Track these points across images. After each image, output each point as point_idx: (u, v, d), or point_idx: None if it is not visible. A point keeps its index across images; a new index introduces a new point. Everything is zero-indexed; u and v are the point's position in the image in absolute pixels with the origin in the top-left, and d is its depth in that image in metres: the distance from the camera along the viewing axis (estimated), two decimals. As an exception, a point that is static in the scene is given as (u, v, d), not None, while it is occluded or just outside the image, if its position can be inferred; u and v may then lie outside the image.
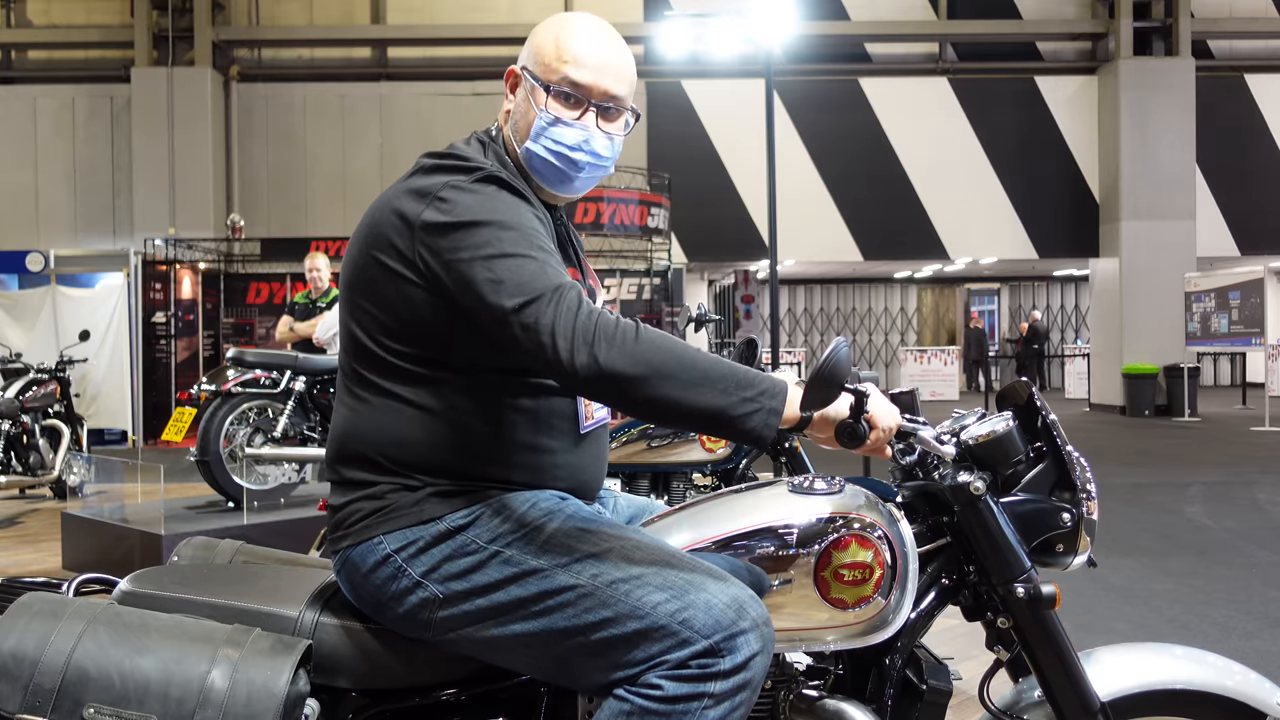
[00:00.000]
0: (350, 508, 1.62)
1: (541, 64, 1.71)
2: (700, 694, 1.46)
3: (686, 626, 1.48)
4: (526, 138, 1.72)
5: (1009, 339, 24.53)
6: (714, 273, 22.23)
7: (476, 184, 1.58)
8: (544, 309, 1.46)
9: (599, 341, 1.44)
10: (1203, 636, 4.41)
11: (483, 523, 1.58)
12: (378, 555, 1.58)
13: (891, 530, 1.64)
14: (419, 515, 1.58)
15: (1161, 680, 1.76)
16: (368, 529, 1.59)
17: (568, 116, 1.70)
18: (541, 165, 1.72)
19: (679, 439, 4.34)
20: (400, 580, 1.56)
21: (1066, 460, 1.75)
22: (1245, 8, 17.48)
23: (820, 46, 16.74)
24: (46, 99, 15.89)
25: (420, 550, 1.57)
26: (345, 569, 1.62)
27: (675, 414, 1.49)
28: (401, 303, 1.58)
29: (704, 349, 1.60)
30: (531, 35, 1.76)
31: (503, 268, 1.49)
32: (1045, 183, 17.01)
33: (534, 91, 1.71)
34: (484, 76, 16.41)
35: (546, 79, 1.70)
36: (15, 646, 1.42)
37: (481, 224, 1.52)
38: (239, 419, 5.87)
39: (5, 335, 12.00)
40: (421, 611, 1.56)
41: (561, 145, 1.70)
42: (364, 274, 1.62)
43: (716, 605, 1.49)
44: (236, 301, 13.39)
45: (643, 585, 1.51)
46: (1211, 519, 7.19)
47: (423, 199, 1.57)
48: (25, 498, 8.60)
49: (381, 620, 1.60)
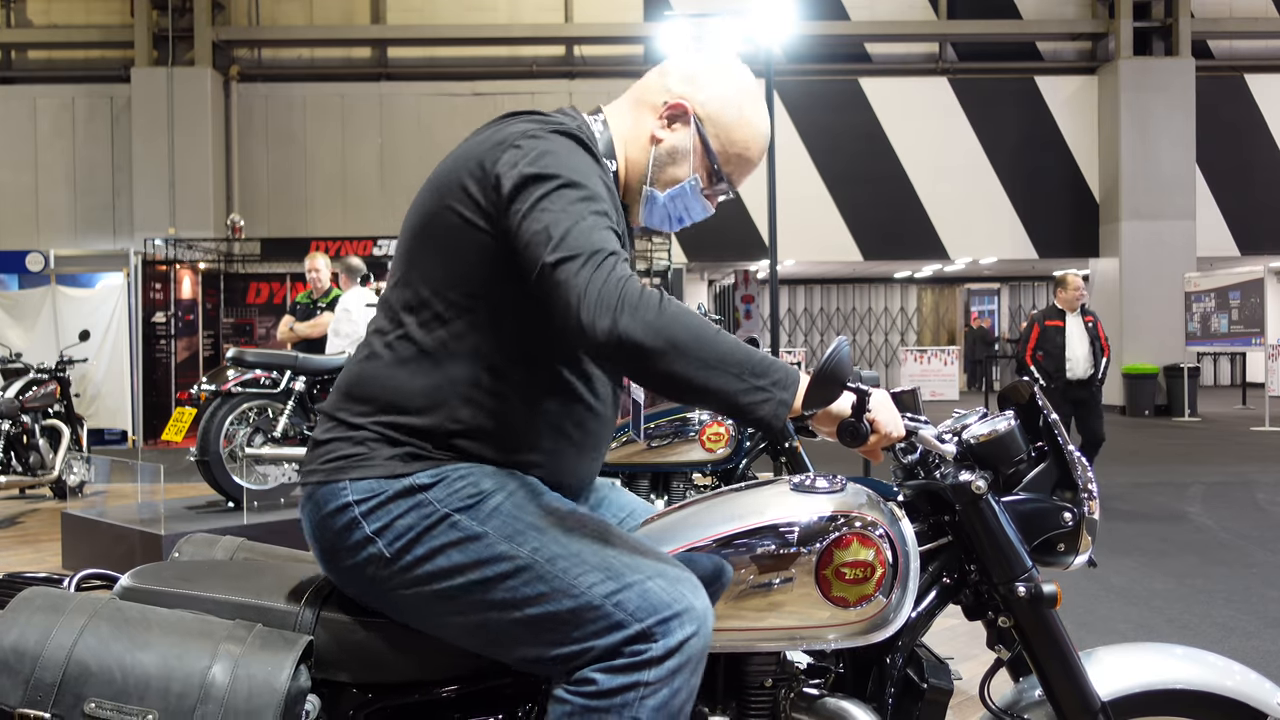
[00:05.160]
0: (330, 445, 1.62)
1: (723, 142, 1.73)
2: (635, 683, 1.46)
3: (620, 609, 1.48)
4: (662, 184, 1.75)
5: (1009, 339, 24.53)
6: (714, 273, 22.24)
7: (552, 134, 1.58)
8: (577, 268, 1.45)
9: (622, 309, 1.43)
10: (1203, 636, 4.41)
11: (445, 485, 1.57)
12: (338, 501, 1.57)
13: (893, 529, 1.64)
14: (390, 469, 1.57)
15: (1162, 680, 1.76)
16: (337, 471, 1.59)
17: (711, 200, 1.78)
18: (658, 214, 1.77)
19: (679, 439, 4.34)
20: (354, 532, 1.56)
21: (1068, 460, 1.75)
22: (1245, 8, 17.49)
23: (820, 46, 16.74)
24: (46, 99, 15.89)
25: (379, 505, 1.56)
26: (308, 505, 1.62)
27: (687, 391, 1.48)
28: (468, 250, 1.58)
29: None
30: (722, 87, 1.74)
31: (554, 222, 1.48)
32: (1045, 183, 17.02)
33: (699, 157, 1.74)
34: (484, 76, 16.41)
35: (721, 161, 1.74)
36: (16, 641, 1.42)
37: (547, 177, 1.52)
38: (239, 419, 5.87)
39: (5, 335, 12.00)
40: (368, 567, 1.56)
41: (686, 213, 1.78)
42: (434, 221, 1.61)
43: (652, 589, 1.49)
44: (236, 301, 13.39)
45: (580, 564, 1.51)
46: (1211, 519, 7.19)
47: (498, 147, 1.57)
48: (25, 498, 8.60)
49: (330, 567, 1.60)
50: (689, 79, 1.75)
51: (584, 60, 16.92)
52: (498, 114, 1.80)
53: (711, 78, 1.74)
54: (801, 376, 1.53)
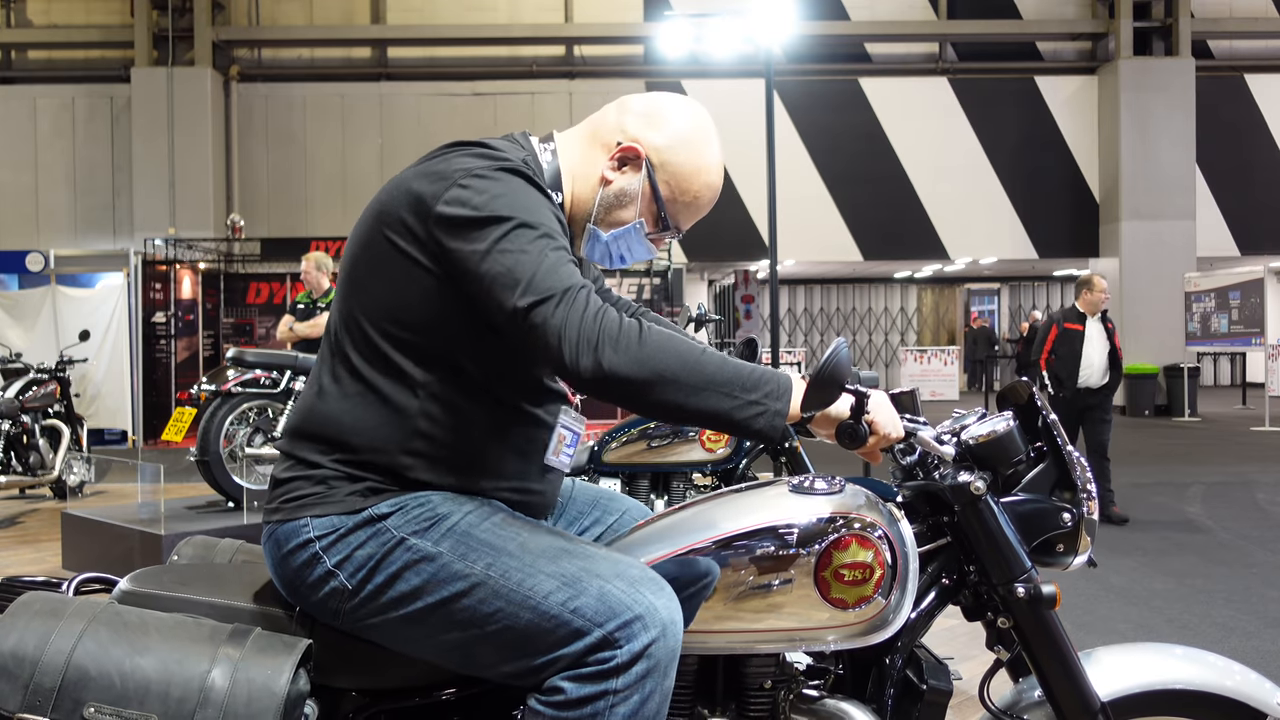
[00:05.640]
0: (291, 484, 1.61)
1: (673, 189, 1.69)
2: (604, 692, 1.46)
3: (578, 615, 1.47)
4: (606, 225, 1.72)
5: (1009, 339, 24.53)
6: (714, 273, 22.23)
7: (498, 173, 1.55)
8: (552, 310, 1.45)
9: (603, 345, 1.44)
10: (1203, 636, 4.41)
11: (401, 514, 1.57)
12: (300, 538, 1.57)
13: (892, 530, 1.64)
14: (350, 505, 1.57)
15: (1162, 680, 1.76)
16: (299, 509, 1.58)
17: (656, 246, 1.76)
18: (599, 252, 1.74)
19: (679, 439, 4.34)
20: (315, 568, 1.56)
21: (1067, 460, 1.75)
22: (1245, 8, 17.48)
23: (820, 46, 16.75)
24: (46, 99, 15.89)
25: (338, 538, 1.56)
26: (270, 544, 1.61)
27: (680, 416, 1.49)
28: (406, 285, 1.56)
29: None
30: (678, 134, 1.69)
31: (516, 264, 1.47)
32: (1045, 183, 17.02)
33: (647, 202, 1.70)
34: (484, 76, 16.41)
35: (669, 208, 1.70)
36: (15, 646, 1.42)
37: (499, 219, 1.50)
38: (239, 419, 5.87)
39: (5, 335, 12.00)
40: (331, 601, 1.56)
41: (628, 253, 1.75)
42: (371, 251, 1.59)
43: (610, 592, 1.48)
44: (236, 301, 13.39)
45: (535, 575, 1.51)
46: (1211, 519, 7.18)
47: (441, 181, 1.54)
48: (25, 498, 8.60)
49: (297, 602, 1.60)
50: (645, 120, 1.69)
51: (584, 60, 16.92)
52: (498, 114, 1.80)
53: (668, 122, 1.69)
54: (796, 381, 1.53)
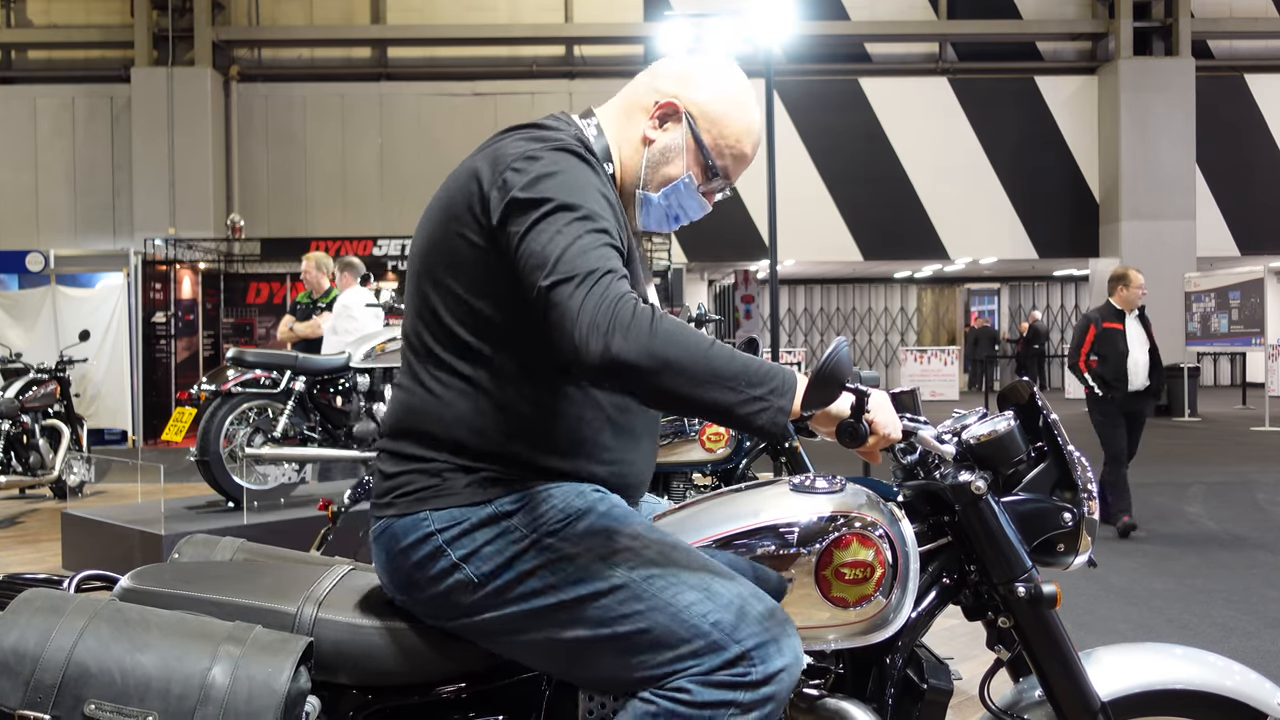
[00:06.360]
0: (403, 478, 1.62)
1: (715, 136, 1.72)
2: (729, 701, 1.46)
3: (718, 629, 1.48)
4: (657, 186, 1.74)
5: (1009, 339, 24.53)
6: (714, 273, 22.23)
7: (551, 153, 1.57)
8: (573, 290, 1.45)
9: (614, 330, 1.44)
10: (1203, 636, 4.41)
11: (528, 510, 1.58)
12: (421, 531, 1.58)
13: (893, 529, 1.64)
14: (469, 497, 1.58)
15: (1162, 680, 1.76)
16: (417, 503, 1.59)
17: (708, 197, 1.77)
18: (655, 214, 1.76)
19: (679, 439, 4.34)
20: (439, 560, 1.57)
21: (1068, 460, 1.75)
22: (1245, 8, 17.49)
23: (820, 46, 16.75)
24: (46, 99, 15.90)
25: (464, 532, 1.57)
26: (384, 538, 1.62)
27: (684, 407, 1.49)
28: (476, 274, 1.58)
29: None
30: (711, 84, 1.73)
31: (548, 245, 1.48)
32: (1045, 183, 17.02)
33: (693, 155, 1.73)
34: (484, 76, 16.41)
35: (714, 158, 1.72)
36: (16, 642, 1.42)
37: (541, 201, 1.51)
38: (239, 419, 5.87)
39: (5, 335, 11.99)
40: (455, 593, 1.56)
41: (682, 211, 1.76)
42: (442, 245, 1.61)
43: (750, 613, 1.50)
44: (236, 301, 13.39)
45: (678, 584, 1.51)
46: (1211, 519, 7.18)
47: (495, 167, 1.57)
48: (25, 498, 8.60)
49: (406, 598, 1.60)
50: (679, 78, 1.74)
51: (584, 60, 16.92)
52: (498, 114, 1.81)
53: (702, 76, 1.74)
54: (799, 379, 1.53)
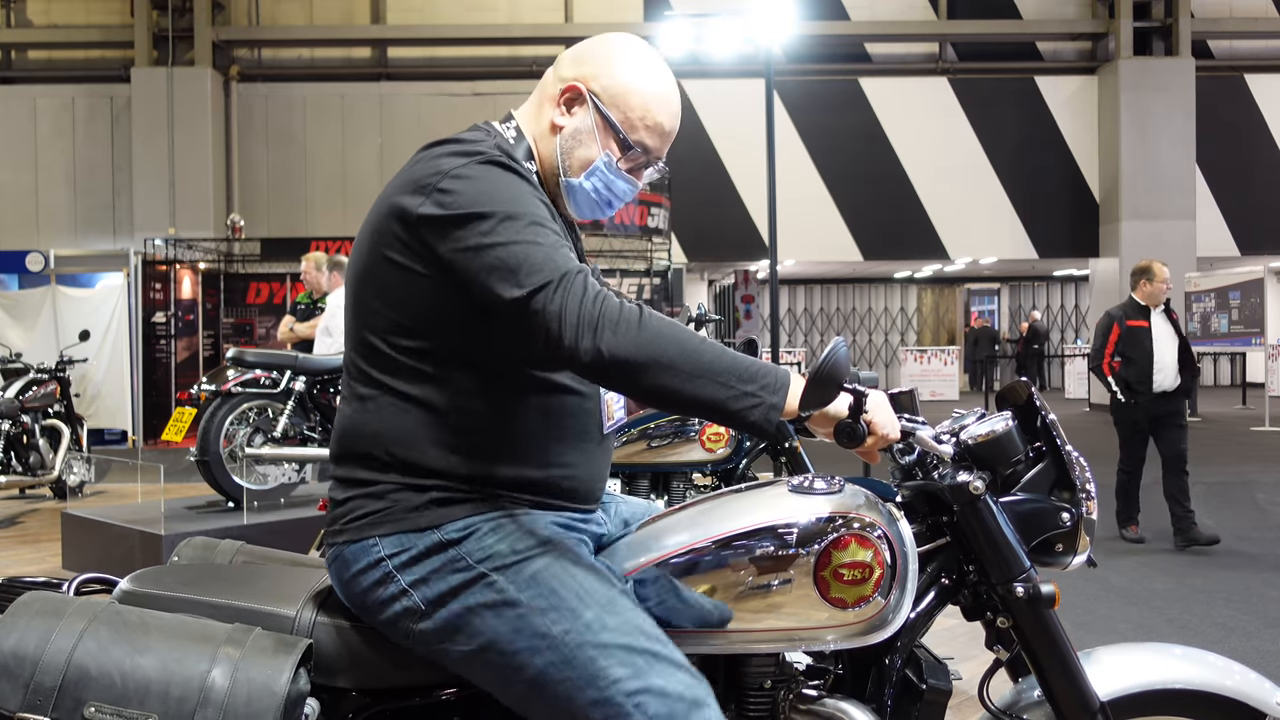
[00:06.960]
0: (351, 504, 1.62)
1: (622, 112, 1.70)
2: None
3: (640, 710, 1.48)
4: (577, 171, 1.72)
5: (1009, 339, 24.53)
6: (714, 273, 22.23)
7: (477, 167, 1.56)
8: (551, 295, 1.46)
9: (603, 328, 1.44)
10: (1203, 636, 4.41)
11: (476, 539, 1.57)
12: (370, 557, 1.57)
13: (891, 530, 1.64)
14: (417, 521, 1.57)
15: (1161, 680, 1.76)
16: (365, 528, 1.59)
17: (635, 175, 1.76)
18: (583, 200, 1.74)
19: (679, 439, 4.34)
20: (388, 586, 1.56)
21: (1066, 460, 1.75)
22: (1245, 8, 17.48)
23: (820, 46, 16.74)
24: (46, 99, 15.88)
25: (413, 559, 1.56)
26: (336, 564, 1.62)
27: (675, 402, 1.49)
28: (411, 298, 1.57)
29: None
30: (609, 60, 1.72)
31: (509, 256, 1.48)
32: (1045, 183, 17.01)
33: (604, 133, 1.71)
34: (484, 76, 16.41)
35: (627, 133, 1.71)
36: (16, 645, 1.42)
37: (484, 215, 1.51)
38: (239, 419, 5.87)
39: (5, 335, 12.00)
40: (403, 620, 1.56)
41: (612, 194, 1.75)
42: (372, 271, 1.60)
43: (672, 694, 1.49)
44: (236, 301, 13.39)
45: (609, 656, 1.50)
46: (1211, 519, 7.18)
47: (421, 189, 1.55)
48: (25, 498, 8.60)
49: (368, 620, 1.60)
50: (578, 60, 1.73)
51: (584, 60, 16.91)
52: (497, 114, 1.80)
53: (601, 55, 1.73)
54: (793, 378, 1.53)
